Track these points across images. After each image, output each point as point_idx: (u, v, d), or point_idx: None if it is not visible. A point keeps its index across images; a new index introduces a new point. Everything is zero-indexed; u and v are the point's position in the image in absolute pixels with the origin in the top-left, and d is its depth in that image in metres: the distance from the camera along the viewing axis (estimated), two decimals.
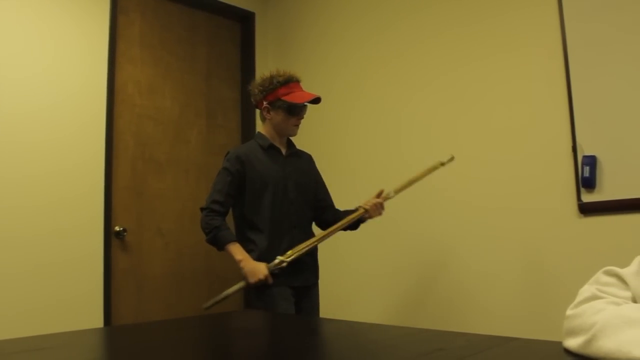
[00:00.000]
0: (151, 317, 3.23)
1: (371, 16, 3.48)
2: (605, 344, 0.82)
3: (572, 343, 0.88)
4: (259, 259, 2.37)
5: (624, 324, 0.81)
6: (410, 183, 2.48)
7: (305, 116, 2.55)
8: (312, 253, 2.53)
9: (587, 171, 2.42)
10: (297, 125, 2.53)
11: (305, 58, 3.86)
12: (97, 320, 2.98)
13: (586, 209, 2.47)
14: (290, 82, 2.50)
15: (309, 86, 3.82)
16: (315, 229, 2.64)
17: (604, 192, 2.42)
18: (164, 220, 3.41)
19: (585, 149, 2.47)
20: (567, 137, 2.54)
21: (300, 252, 2.36)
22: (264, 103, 2.51)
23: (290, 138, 2.61)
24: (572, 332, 0.89)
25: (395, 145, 3.27)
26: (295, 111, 2.49)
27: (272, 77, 2.49)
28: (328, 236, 2.46)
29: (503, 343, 0.98)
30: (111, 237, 3.12)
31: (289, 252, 2.35)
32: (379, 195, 2.50)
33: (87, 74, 3.10)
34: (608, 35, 2.44)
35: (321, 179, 2.73)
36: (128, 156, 3.29)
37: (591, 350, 0.84)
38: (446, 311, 2.92)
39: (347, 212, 2.53)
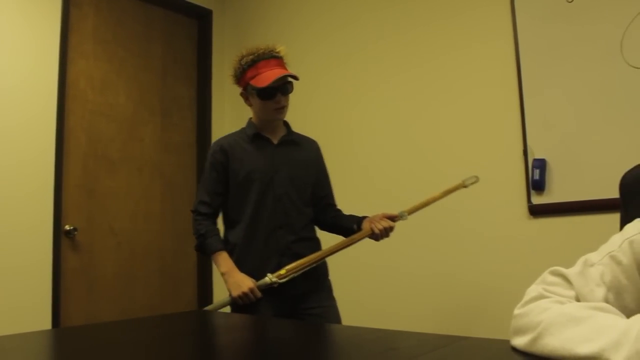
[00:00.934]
0: (102, 318, 3.16)
1: (329, 15, 3.49)
2: (550, 342, 0.85)
3: (519, 341, 0.91)
4: (235, 263, 2.11)
5: (568, 322, 0.84)
6: (427, 204, 2.25)
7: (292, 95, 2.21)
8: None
9: (537, 174, 2.49)
10: (278, 109, 2.16)
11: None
12: (44, 322, 2.90)
13: (536, 211, 2.55)
14: (259, 60, 2.14)
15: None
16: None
17: (553, 195, 2.50)
18: (117, 219, 3.34)
19: (535, 153, 2.54)
20: (519, 141, 2.61)
21: (297, 272, 2.06)
22: (240, 89, 2.22)
23: (288, 122, 2.30)
24: (519, 331, 0.91)
25: (348, 143, 3.29)
26: (268, 94, 2.12)
27: (240, 59, 2.18)
28: (331, 254, 2.15)
29: (453, 342, 1.00)
30: (61, 236, 3.04)
31: (283, 271, 2.04)
32: (392, 217, 2.18)
33: (37, 68, 3.01)
34: (558, 41, 2.52)
35: (324, 171, 2.38)
36: (79, 153, 3.21)
37: (537, 348, 0.87)
38: (397, 311, 2.95)
39: (350, 219, 2.26)
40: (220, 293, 3.75)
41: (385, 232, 2.15)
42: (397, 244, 2.97)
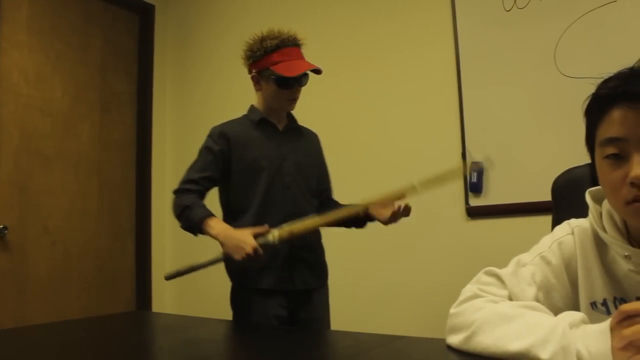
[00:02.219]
0: (34, 321, 3.04)
1: (275, 14, 3.48)
2: (483, 340, 0.87)
3: (454, 339, 0.93)
4: None
5: (500, 321, 0.87)
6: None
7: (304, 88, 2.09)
8: (316, 249, 2.12)
9: (474, 177, 2.57)
10: (292, 100, 2.06)
11: (208, 54, 3.79)
12: None
13: (473, 213, 2.62)
14: (285, 46, 2.00)
15: (208, 83, 3.75)
16: None
17: (490, 197, 2.58)
18: (51, 218, 3.22)
19: (473, 156, 2.61)
20: (458, 143, 2.68)
21: (300, 231, 1.86)
22: (253, 71, 2.07)
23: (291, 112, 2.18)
24: (454, 329, 0.94)
25: None
26: (288, 84, 2.00)
27: (262, 40, 2.01)
28: (334, 222, 1.97)
29: (390, 341, 1.01)
30: None
31: (286, 230, 1.84)
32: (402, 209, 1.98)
33: None
34: (497, 48, 2.60)
35: (325, 164, 2.27)
36: (11, 149, 3.07)
37: (471, 346, 0.89)
38: (335, 311, 2.97)
39: (350, 207, 2.06)
40: (160, 294, 3.68)
41: (393, 218, 1.97)
42: (336, 243, 2.99)
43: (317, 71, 2.03)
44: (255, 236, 1.80)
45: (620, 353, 0.72)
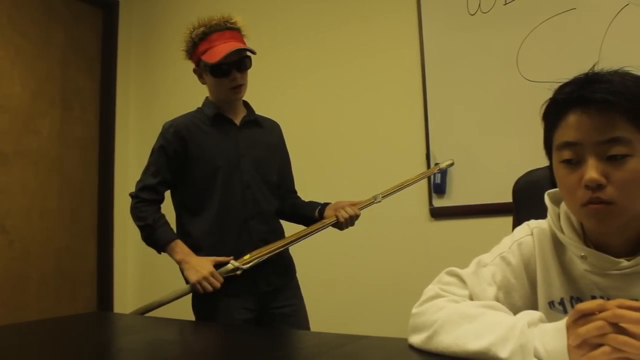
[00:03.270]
0: None
1: (242, 14, 3.45)
2: (444, 339, 0.89)
3: (416, 339, 0.94)
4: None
5: (461, 320, 0.88)
6: (402, 186, 2.12)
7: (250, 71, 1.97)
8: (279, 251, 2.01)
9: (438, 178, 2.60)
10: (235, 88, 1.91)
11: (175, 52, 3.70)
12: None
13: (437, 213, 2.66)
14: (211, 33, 1.89)
15: (174, 81, 3.70)
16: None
17: (453, 198, 2.62)
18: (9, 217, 3.14)
19: (437, 157, 2.64)
20: (422, 145, 2.71)
21: (262, 257, 1.84)
22: (193, 66, 1.97)
23: (248, 102, 2.08)
24: (416, 329, 0.95)
25: None
26: (221, 71, 1.87)
27: (190, 32, 1.92)
28: (296, 241, 1.94)
29: (353, 341, 1.02)
30: None
31: (247, 257, 1.82)
32: (353, 203, 1.99)
33: None
34: (461, 52, 2.64)
35: (287, 156, 2.17)
36: None
37: (432, 345, 0.90)
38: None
39: (310, 206, 2.06)
40: (122, 295, 3.62)
41: (351, 221, 1.96)
42: (302, 243, 2.98)
43: (250, 51, 1.90)
44: (216, 266, 1.80)
45: (575, 351, 0.74)
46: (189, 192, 1.94)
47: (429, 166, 2.65)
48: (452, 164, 2.17)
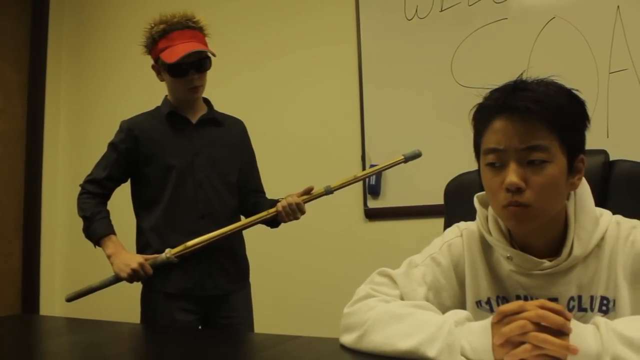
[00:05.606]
0: None
1: (176, 6, 3.38)
2: (375, 338, 0.90)
3: (347, 339, 0.95)
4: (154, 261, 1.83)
5: (391, 319, 0.90)
6: (360, 178, 2.07)
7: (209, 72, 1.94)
8: (234, 253, 2.00)
9: (373, 180, 2.63)
10: (193, 88, 1.89)
11: (110, 43, 3.61)
12: None
13: (371, 214, 2.69)
14: (173, 30, 1.86)
15: (109, 74, 3.58)
16: None
17: (387, 200, 2.66)
18: None
19: (372, 159, 2.68)
20: (358, 146, 2.74)
21: (195, 247, 1.81)
22: (152, 62, 1.95)
23: (209, 99, 2.05)
24: (348, 329, 0.96)
25: None
26: (179, 71, 1.85)
27: (151, 27, 1.89)
28: (234, 231, 1.90)
29: (286, 341, 1.02)
30: None
31: (181, 247, 1.81)
32: (306, 192, 1.95)
33: None
34: (398, 55, 2.68)
35: (250, 155, 2.14)
36: None
37: (363, 345, 0.92)
38: None
39: (270, 202, 2.01)
40: (49, 297, 3.48)
41: (292, 212, 1.90)
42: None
43: (204, 52, 1.88)
44: (146, 259, 1.80)
45: (500, 349, 0.78)
46: (143, 190, 1.96)
47: (364, 167, 2.68)
48: (419, 155, 2.03)
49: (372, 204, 2.69)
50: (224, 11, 3.20)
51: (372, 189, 2.66)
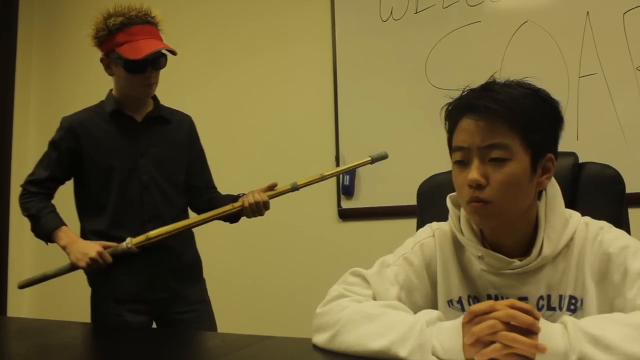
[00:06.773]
0: None
1: (151, 4, 3.35)
2: (347, 338, 0.90)
3: (320, 339, 0.95)
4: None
5: (363, 319, 0.90)
6: (327, 177, 2.03)
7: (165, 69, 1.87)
8: (183, 252, 1.93)
9: (347, 180, 2.64)
10: (148, 85, 1.82)
11: (81, 40, 3.51)
12: None
13: (345, 215, 2.70)
14: (132, 24, 1.77)
15: (80, 72, 3.52)
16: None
17: (361, 200, 2.67)
18: None
19: (346, 159, 2.68)
20: (332, 146, 2.74)
21: (156, 238, 1.77)
22: (101, 54, 1.84)
23: (156, 95, 1.95)
24: (320, 329, 0.96)
25: None
26: (138, 68, 1.77)
27: (105, 18, 1.77)
28: (197, 224, 1.87)
29: (258, 342, 1.01)
30: None
31: (143, 237, 1.76)
32: (270, 187, 1.92)
33: None
34: (373, 56, 2.70)
35: (199, 152, 2.06)
36: None
37: (335, 345, 0.91)
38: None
39: (227, 198, 1.96)
40: (17, 298, 3.41)
41: (258, 208, 1.86)
42: (210, 242, 2.94)
43: (172, 52, 1.81)
44: (105, 247, 1.75)
45: (470, 348, 0.78)
46: (86, 192, 1.88)
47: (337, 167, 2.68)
48: (385, 156, 2.03)
49: (346, 204, 2.70)
50: (201, 11, 3.19)
51: (346, 190, 2.66)
